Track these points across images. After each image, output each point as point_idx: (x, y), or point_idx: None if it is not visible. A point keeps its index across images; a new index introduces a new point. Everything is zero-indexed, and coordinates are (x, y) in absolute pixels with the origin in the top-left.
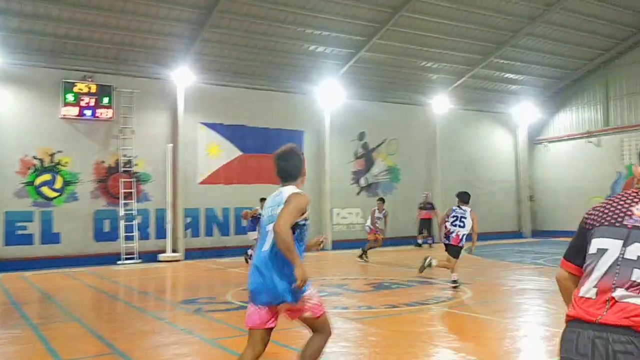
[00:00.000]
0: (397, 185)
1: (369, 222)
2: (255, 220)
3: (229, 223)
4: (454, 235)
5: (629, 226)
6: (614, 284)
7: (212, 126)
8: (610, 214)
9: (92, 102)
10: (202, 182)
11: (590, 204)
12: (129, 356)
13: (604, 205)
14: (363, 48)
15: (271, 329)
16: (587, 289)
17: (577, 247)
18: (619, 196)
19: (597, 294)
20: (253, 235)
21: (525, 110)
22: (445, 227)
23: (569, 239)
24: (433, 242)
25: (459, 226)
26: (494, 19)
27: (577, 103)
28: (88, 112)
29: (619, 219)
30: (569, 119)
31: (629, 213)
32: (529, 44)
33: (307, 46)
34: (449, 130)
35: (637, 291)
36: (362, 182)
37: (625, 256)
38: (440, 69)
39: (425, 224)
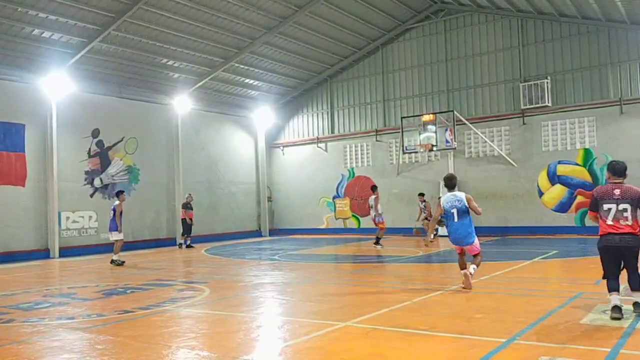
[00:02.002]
0: (136, 185)
1: (375, 212)
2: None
3: None
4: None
5: (615, 198)
6: (618, 218)
7: None
8: (607, 194)
9: None
10: None
11: (320, 203)
12: None
13: (603, 190)
14: (97, 38)
15: (464, 252)
16: (609, 221)
17: (595, 205)
18: (609, 186)
19: (613, 223)
20: (117, 235)
21: (263, 115)
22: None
23: (304, 236)
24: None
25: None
26: (234, 24)
27: (308, 111)
28: None
29: (611, 196)
30: (301, 126)
31: (613, 193)
32: (266, 52)
33: (30, 30)
34: (191, 131)
35: (626, 220)
36: (97, 182)
37: (618, 209)
38: (181, 68)
39: (188, 225)
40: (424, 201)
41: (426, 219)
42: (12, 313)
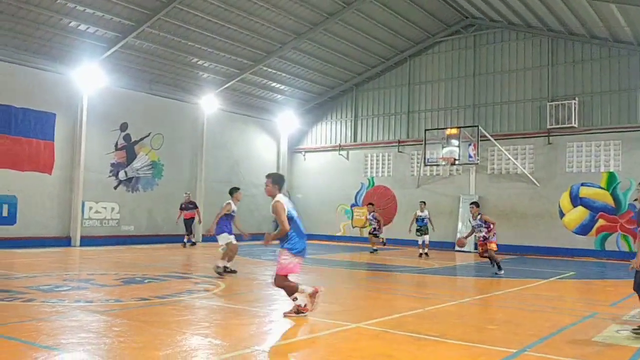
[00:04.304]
0: (159, 181)
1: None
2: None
3: None
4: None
5: None
6: None
7: None
8: None
9: None
10: None
11: (338, 210)
12: None
13: None
14: (131, 34)
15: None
16: None
17: None
18: None
19: None
20: (221, 239)
21: (287, 119)
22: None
23: (319, 242)
24: (194, 243)
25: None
26: (265, 28)
27: (332, 118)
28: None
29: None
30: (324, 132)
31: None
32: (294, 57)
33: (68, 21)
34: (216, 131)
35: None
36: (122, 175)
37: None
38: (211, 68)
39: (188, 224)
40: (373, 212)
41: (374, 232)
42: (33, 293)
